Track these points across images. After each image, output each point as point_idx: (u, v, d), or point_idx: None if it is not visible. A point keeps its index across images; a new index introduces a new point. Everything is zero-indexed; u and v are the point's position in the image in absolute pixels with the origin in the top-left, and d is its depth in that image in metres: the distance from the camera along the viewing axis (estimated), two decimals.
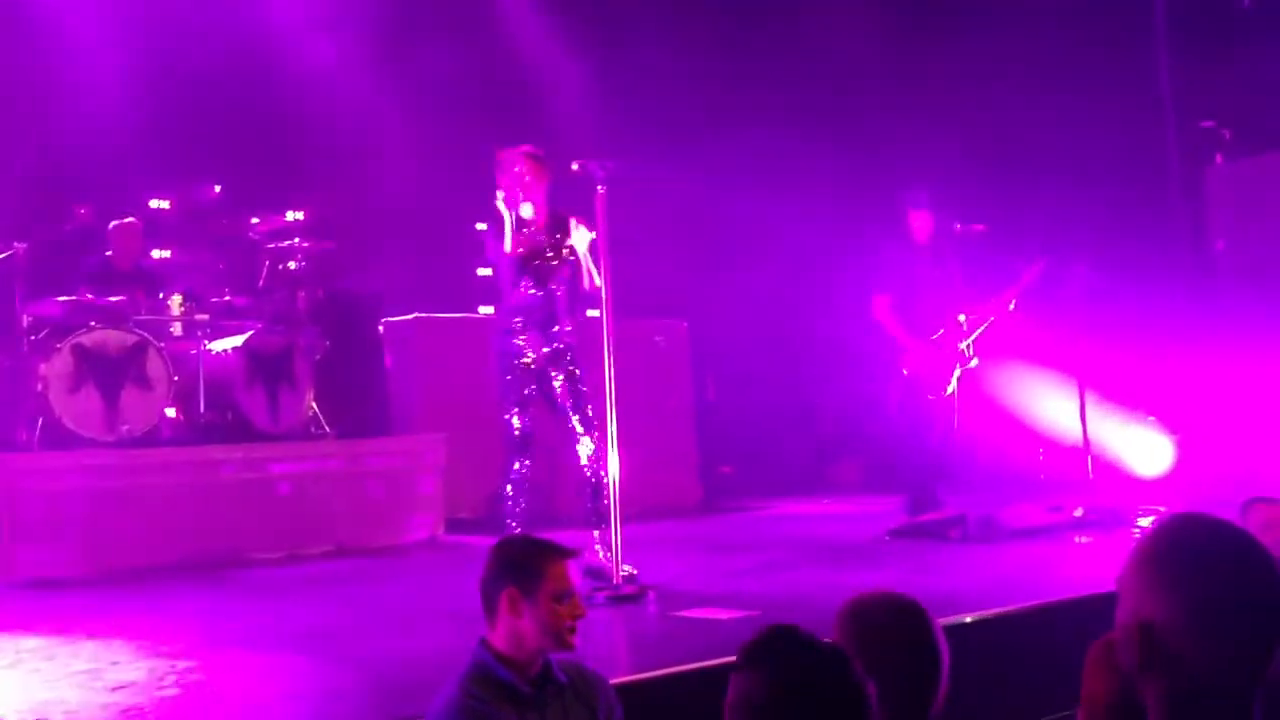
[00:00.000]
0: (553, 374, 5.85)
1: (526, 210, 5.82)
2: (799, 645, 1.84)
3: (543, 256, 5.86)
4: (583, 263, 5.79)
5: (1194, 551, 1.57)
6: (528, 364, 5.81)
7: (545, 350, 5.84)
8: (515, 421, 5.78)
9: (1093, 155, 10.11)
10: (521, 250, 5.77)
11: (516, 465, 5.77)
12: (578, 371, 5.87)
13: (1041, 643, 4.50)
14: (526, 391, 5.80)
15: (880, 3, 10.91)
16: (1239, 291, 9.28)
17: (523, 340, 5.82)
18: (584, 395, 5.84)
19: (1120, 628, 1.61)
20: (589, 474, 5.78)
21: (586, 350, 5.90)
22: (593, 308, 5.87)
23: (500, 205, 5.79)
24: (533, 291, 5.85)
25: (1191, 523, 1.61)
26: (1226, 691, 1.53)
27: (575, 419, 5.83)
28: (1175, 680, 1.55)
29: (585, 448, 5.80)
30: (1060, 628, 4.56)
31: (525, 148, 5.88)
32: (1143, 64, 10.49)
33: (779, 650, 1.83)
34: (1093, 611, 4.47)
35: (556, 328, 5.87)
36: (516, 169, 5.81)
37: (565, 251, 5.87)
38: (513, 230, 5.74)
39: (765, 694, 1.79)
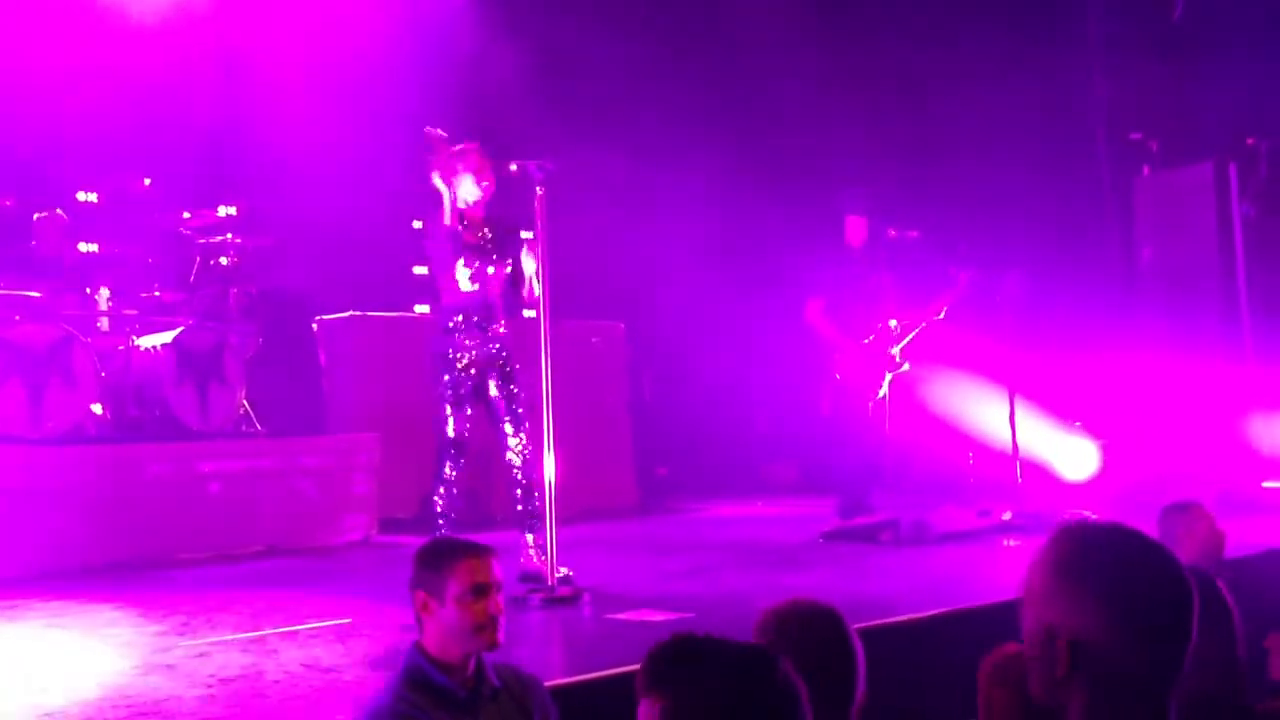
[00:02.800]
0: (489, 374, 5.83)
1: (470, 195, 5.78)
2: (711, 655, 1.64)
3: (482, 254, 5.83)
4: (526, 278, 5.78)
5: (1116, 561, 1.60)
6: (465, 364, 5.78)
7: (482, 349, 5.81)
8: (450, 423, 5.74)
9: (1025, 164, 10.29)
10: (462, 237, 5.75)
11: (448, 467, 5.74)
12: (511, 371, 5.85)
13: (971, 645, 4.56)
14: (462, 391, 5.76)
15: (820, 11, 11.01)
16: (1164, 299, 9.50)
17: (460, 339, 5.79)
18: (516, 396, 5.82)
19: (1034, 638, 1.63)
20: (518, 475, 5.77)
21: (523, 351, 5.89)
22: (529, 308, 5.86)
23: (438, 182, 5.73)
24: (470, 289, 5.82)
25: (1098, 530, 1.64)
26: (1147, 694, 1.57)
27: (507, 420, 5.81)
28: (1097, 687, 1.58)
29: (515, 449, 5.78)
30: (990, 630, 4.62)
31: (474, 144, 5.86)
32: (1075, 76, 10.70)
33: (689, 666, 1.63)
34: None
35: (493, 327, 5.84)
36: (460, 160, 5.79)
37: (504, 250, 5.86)
38: (452, 206, 5.71)
39: (680, 716, 1.59)
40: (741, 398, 11.50)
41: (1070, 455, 9.35)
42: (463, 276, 5.79)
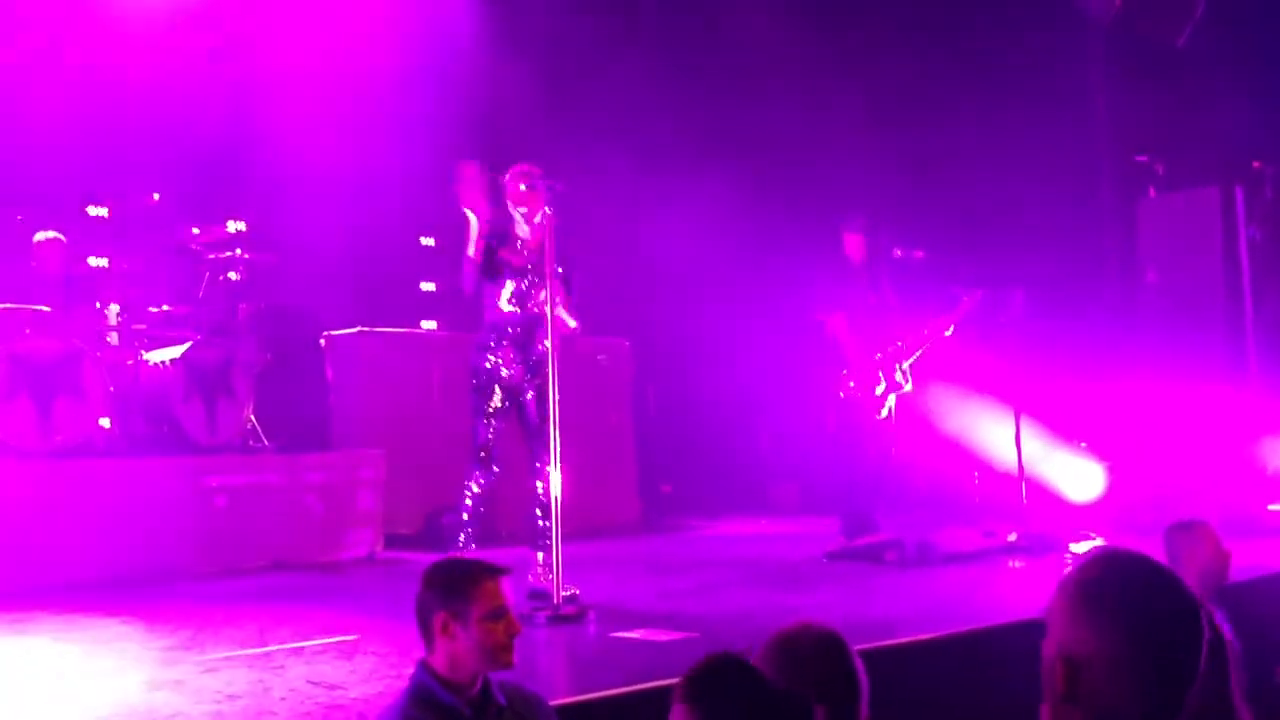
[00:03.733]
0: (525, 389, 5.88)
1: (522, 229, 5.88)
2: (747, 680, 1.76)
3: (529, 277, 5.87)
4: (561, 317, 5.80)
5: (1130, 589, 1.62)
6: (502, 379, 5.83)
7: (521, 367, 5.86)
8: (480, 435, 5.79)
9: (1030, 185, 10.32)
10: (509, 259, 5.79)
11: (480, 480, 5.78)
12: (547, 388, 5.84)
13: (976, 667, 4.57)
14: (496, 405, 5.82)
15: (827, 31, 11.07)
16: (1168, 321, 9.50)
17: (498, 358, 5.84)
18: (547, 419, 5.80)
19: (1048, 661, 1.66)
20: (542, 497, 5.78)
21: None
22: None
23: (468, 212, 5.78)
24: (511, 309, 5.86)
25: (1124, 560, 1.66)
26: None
27: (537, 441, 5.83)
28: (1098, 714, 1.59)
29: (541, 472, 5.80)
30: (994, 652, 4.64)
31: (523, 166, 5.89)
32: (1080, 98, 10.73)
33: (725, 686, 1.75)
34: (1026, 636, 4.55)
35: (534, 345, 5.88)
36: (519, 185, 5.83)
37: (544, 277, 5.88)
38: (479, 234, 5.75)
39: None
40: (746, 416, 11.51)
41: (1076, 476, 9.34)
42: (504, 296, 5.84)
